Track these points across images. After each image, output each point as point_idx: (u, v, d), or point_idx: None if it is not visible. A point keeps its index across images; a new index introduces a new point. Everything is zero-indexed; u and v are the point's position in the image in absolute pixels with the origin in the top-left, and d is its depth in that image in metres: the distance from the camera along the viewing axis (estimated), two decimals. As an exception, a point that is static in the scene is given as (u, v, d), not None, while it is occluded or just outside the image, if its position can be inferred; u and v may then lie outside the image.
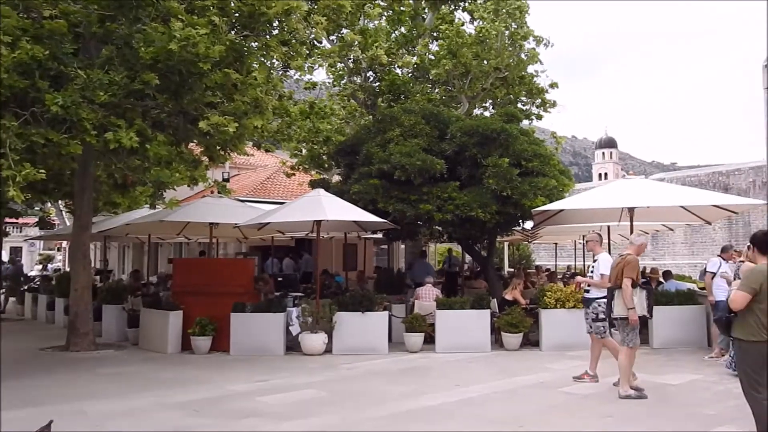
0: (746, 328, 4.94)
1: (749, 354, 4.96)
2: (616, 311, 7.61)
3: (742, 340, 4.99)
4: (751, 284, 4.92)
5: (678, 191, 12.86)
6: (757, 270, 5.01)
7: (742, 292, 4.90)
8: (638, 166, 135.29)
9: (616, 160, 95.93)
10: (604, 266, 8.26)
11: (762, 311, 4.88)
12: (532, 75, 18.64)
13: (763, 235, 5.32)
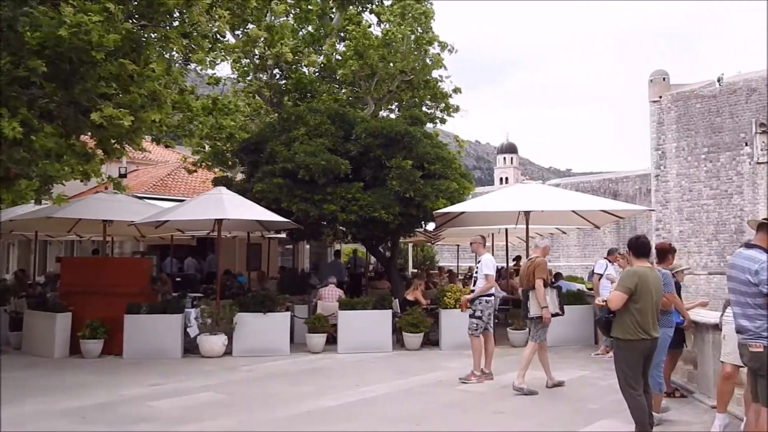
0: (624, 327, 5.25)
1: (626, 352, 5.29)
2: (531, 311, 7.96)
3: (620, 339, 5.30)
4: (626, 285, 5.24)
5: (570, 197, 13.52)
6: (632, 271, 5.34)
7: (619, 293, 5.22)
8: (537, 171, 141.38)
9: (516, 165, 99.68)
10: (488, 267, 8.58)
11: (638, 311, 5.21)
12: (436, 79, 19.03)
13: (637, 239, 5.66)
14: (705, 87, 44.26)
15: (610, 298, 5.30)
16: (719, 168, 42.55)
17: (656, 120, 45.82)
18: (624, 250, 17.05)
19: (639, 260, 5.51)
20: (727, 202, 42.11)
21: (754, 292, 4.18)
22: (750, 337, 4.25)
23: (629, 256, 5.62)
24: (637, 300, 5.21)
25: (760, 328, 4.18)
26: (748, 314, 4.25)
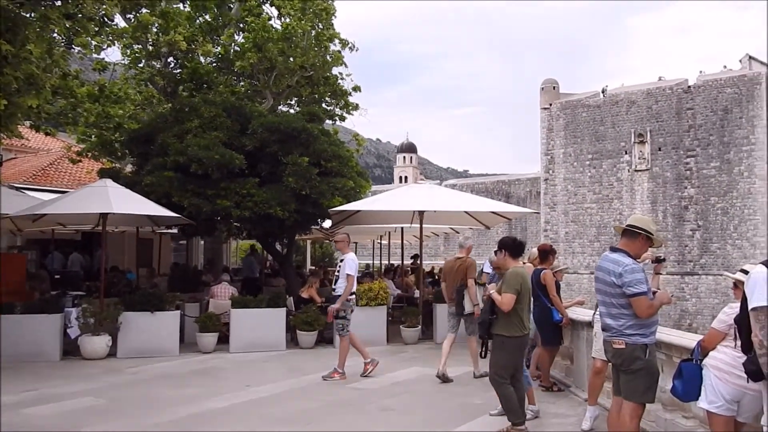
0: (510, 325, 5.51)
1: (511, 348, 5.55)
2: (466, 308, 8.36)
3: (506, 336, 5.54)
4: (514, 286, 5.49)
5: (463, 198, 13.95)
6: (516, 273, 5.59)
7: (510, 294, 5.44)
8: (435, 171, 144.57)
9: (415, 165, 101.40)
10: (350, 267, 8.68)
11: (521, 309, 5.48)
12: (336, 77, 19.02)
13: (513, 241, 5.95)
14: (591, 97, 47.05)
15: (503, 301, 5.48)
16: (602, 174, 45.40)
17: (546, 126, 48.20)
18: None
19: (515, 260, 5.79)
20: (608, 206, 45.02)
21: (617, 293, 4.47)
22: (613, 335, 4.54)
23: (505, 257, 5.80)
24: (521, 300, 5.48)
25: (623, 326, 4.47)
26: (612, 313, 4.54)
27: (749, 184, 40.33)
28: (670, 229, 42.62)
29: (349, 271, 8.65)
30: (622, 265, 4.47)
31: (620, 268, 4.46)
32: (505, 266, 5.83)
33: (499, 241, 6.03)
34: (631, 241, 4.65)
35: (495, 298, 5.55)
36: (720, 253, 40.89)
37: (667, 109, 43.34)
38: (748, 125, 40.69)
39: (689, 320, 40.20)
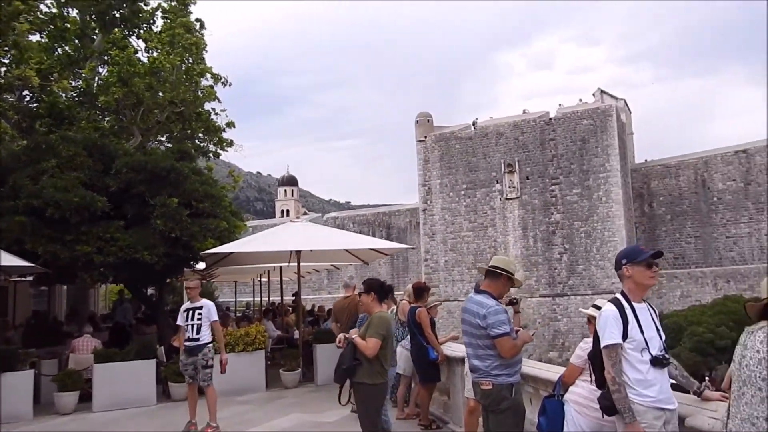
0: (374, 372, 5.29)
1: (376, 396, 5.37)
2: None
3: (368, 383, 5.29)
4: (380, 332, 5.30)
5: (341, 235, 13.88)
6: (382, 317, 5.43)
7: (376, 340, 5.24)
8: (317, 203, 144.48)
9: (297, 198, 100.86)
10: (214, 313, 8.38)
11: (384, 356, 5.32)
12: (209, 112, 18.53)
13: (380, 284, 5.71)
14: (463, 130, 49.22)
15: (368, 346, 5.24)
16: (476, 203, 47.37)
17: (422, 158, 49.73)
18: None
19: (381, 304, 5.59)
20: (483, 233, 46.94)
21: (482, 335, 4.54)
22: (481, 376, 4.59)
23: (372, 300, 5.55)
24: (385, 345, 5.34)
25: (489, 367, 4.54)
26: (479, 354, 4.60)
27: (607, 208, 43.61)
28: (540, 253, 45.09)
29: (215, 316, 8.32)
30: (485, 307, 4.54)
31: (484, 309, 4.53)
32: (370, 310, 5.57)
33: (364, 282, 5.71)
34: (493, 281, 4.75)
35: (359, 344, 5.28)
36: (586, 274, 43.71)
37: (532, 140, 46.17)
38: (603, 154, 44.15)
39: (562, 339, 42.48)
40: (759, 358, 2.98)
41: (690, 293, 41.88)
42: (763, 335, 3.02)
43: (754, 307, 3.28)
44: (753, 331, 3.12)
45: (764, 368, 2.96)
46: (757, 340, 3.04)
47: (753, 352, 3.02)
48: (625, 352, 3.63)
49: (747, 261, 44.48)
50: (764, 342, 2.99)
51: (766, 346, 2.97)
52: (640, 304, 3.77)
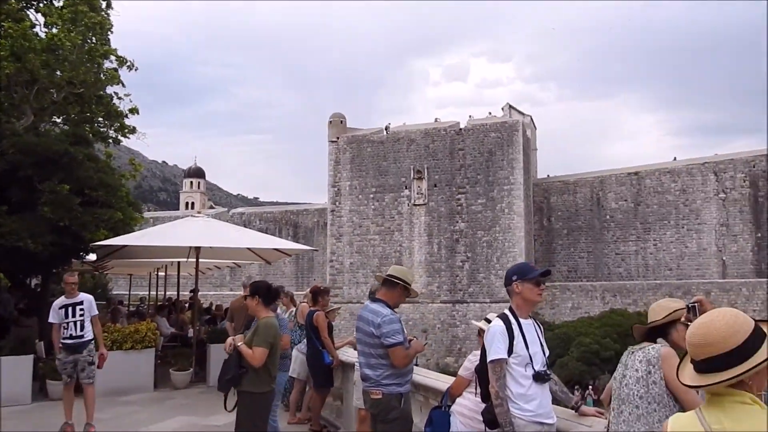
0: (258, 381, 5.11)
1: (262, 405, 5.19)
2: None
3: (255, 392, 5.10)
4: (269, 339, 5.11)
5: (243, 233, 13.52)
6: (270, 324, 5.25)
7: (262, 348, 5.05)
8: (225, 197, 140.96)
9: (203, 191, 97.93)
10: (95, 306, 8.06)
11: (271, 363, 5.16)
12: (111, 96, 17.60)
13: (267, 287, 5.51)
14: (375, 133, 49.55)
15: (254, 356, 5.02)
16: (384, 207, 47.80)
17: (333, 159, 49.64)
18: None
19: (267, 308, 5.41)
20: (389, 237, 47.43)
21: (376, 344, 4.56)
22: (371, 385, 4.60)
23: (258, 303, 5.33)
24: (273, 353, 5.17)
25: (380, 376, 4.56)
26: (371, 363, 4.61)
27: (509, 219, 45.20)
28: (443, 260, 46.08)
29: (96, 311, 7.98)
30: (380, 316, 4.56)
31: (379, 318, 4.55)
32: (257, 314, 5.35)
33: (251, 284, 5.49)
34: (390, 290, 4.78)
35: (244, 353, 5.04)
36: (485, 283, 45.08)
37: (442, 149, 47.15)
38: (508, 167, 45.74)
39: (459, 345, 43.58)
40: (637, 377, 3.15)
41: (580, 305, 44.09)
42: (642, 355, 3.20)
43: (639, 329, 3.46)
44: (634, 351, 3.30)
45: (641, 387, 3.12)
46: (636, 360, 3.21)
47: (632, 371, 3.19)
48: (510, 367, 3.74)
49: (633, 277, 47.41)
50: (643, 361, 3.16)
51: (644, 366, 3.14)
52: (526, 320, 3.88)
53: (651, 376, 3.09)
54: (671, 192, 47.89)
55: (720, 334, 1.96)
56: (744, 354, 1.92)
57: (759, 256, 45.47)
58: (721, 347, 1.94)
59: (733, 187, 46.56)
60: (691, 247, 46.93)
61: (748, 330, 1.96)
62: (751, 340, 1.95)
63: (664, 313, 3.38)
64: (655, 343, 3.28)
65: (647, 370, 3.11)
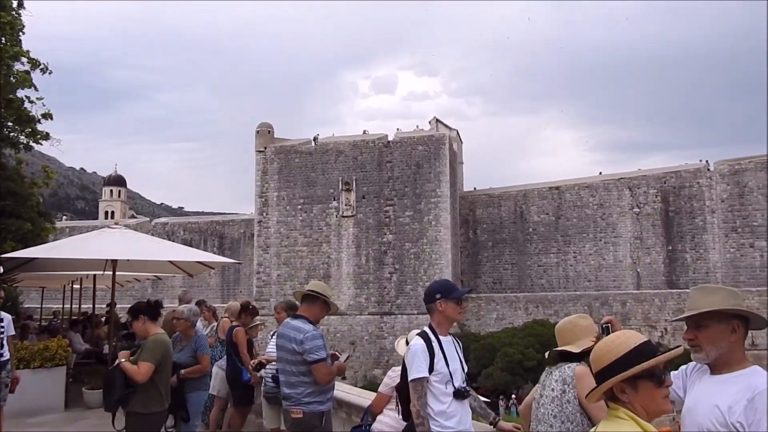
0: (147, 400, 4.91)
1: (150, 426, 4.97)
2: None
3: (143, 413, 4.89)
4: (156, 356, 4.94)
5: (164, 246, 13.02)
6: (159, 340, 5.08)
7: (149, 364, 4.86)
8: (147, 206, 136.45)
9: (124, 199, 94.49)
10: (12, 326, 7.70)
11: (161, 381, 4.98)
12: (22, 99, 16.72)
13: (147, 304, 5.36)
14: (303, 144, 49.28)
15: (138, 371, 4.83)
16: (312, 218, 47.52)
17: (261, 169, 48.99)
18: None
19: (155, 324, 5.24)
20: (317, 249, 47.14)
21: (298, 360, 4.46)
22: (292, 404, 4.50)
23: (145, 323, 5.16)
24: (161, 370, 4.97)
25: (301, 394, 4.47)
26: (291, 381, 4.51)
27: (436, 231, 45.83)
28: (371, 272, 46.19)
29: (13, 331, 7.52)
30: (303, 332, 4.48)
31: (301, 335, 4.47)
32: (147, 334, 5.16)
33: (129, 309, 5.28)
34: (311, 306, 4.71)
35: (128, 370, 4.84)
36: (413, 294, 45.45)
37: (370, 161, 47.38)
38: (435, 179, 46.43)
39: (387, 357, 43.67)
40: (553, 396, 3.20)
41: (505, 316, 45.11)
42: (558, 375, 3.26)
43: (554, 353, 3.52)
44: (551, 371, 3.35)
45: (556, 406, 3.18)
46: (553, 379, 3.27)
47: (549, 390, 3.25)
48: (430, 385, 3.73)
49: (554, 288, 48.97)
50: (559, 381, 3.22)
51: (560, 385, 3.20)
52: (446, 338, 3.89)
53: (565, 395, 3.15)
54: (590, 206, 49.87)
55: (602, 350, 2.15)
56: (616, 371, 2.07)
57: (670, 268, 47.93)
58: (602, 361, 2.13)
59: (647, 202, 48.96)
60: (608, 259, 48.95)
61: (628, 347, 2.10)
62: (626, 358, 2.08)
63: (578, 344, 3.39)
64: (571, 362, 3.34)
65: (562, 389, 3.17)
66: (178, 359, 6.47)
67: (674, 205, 48.42)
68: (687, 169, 49.43)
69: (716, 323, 2.58)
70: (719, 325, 2.58)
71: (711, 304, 2.59)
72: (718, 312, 2.57)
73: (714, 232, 47.49)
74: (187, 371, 6.18)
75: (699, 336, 2.59)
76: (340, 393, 5.28)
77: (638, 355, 2.09)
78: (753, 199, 47.01)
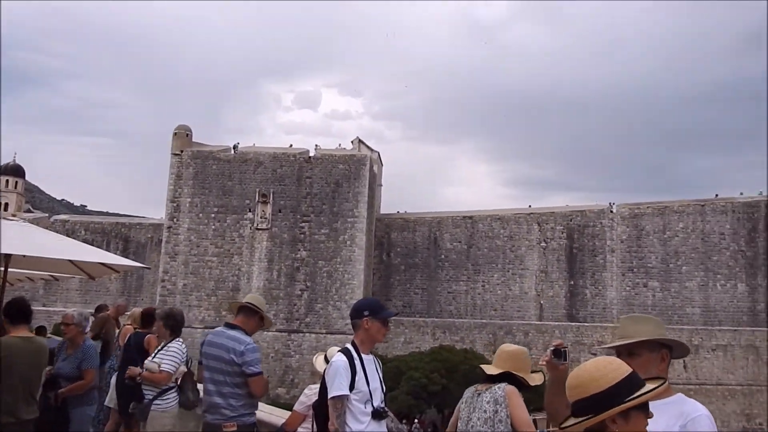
0: None
1: None
2: None
3: None
4: None
5: (65, 243, 12.24)
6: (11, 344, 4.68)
7: None
8: (47, 202, 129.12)
9: (21, 191, 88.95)
10: None
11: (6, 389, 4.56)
12: None
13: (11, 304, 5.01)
14: (222, 151, 48.20)
15: None
16: (225, 228, 46.35)
17: (175, 173, 47.41)
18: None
19: (16, 328, 4.81)
20: (228, 261, 45.95)
21: (235, 372, 4.34)
22: (221, 419, 4.35)
23: (5, 323, 4.79)
24: (10, 375, 4.50)
25: (234, 406, 4.33)
26: (224, 392, 4.37)
27: (351, 251, 45.79)
28: (282, 288, 45.47)
29: None
30: (243, 343, 4.40)
31: (242, 346, 4.38)
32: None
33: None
34: (248, 318, 4.65)
35: None
36: (323, 313, 45.08)
37: (290, 175, 46.90)
38: (354, 199, 46.52)
39: (292, 376, 42.95)
40: (485, 417, 3.19)
41: (412, 340, 45.46)
42: (489, 396, 3.25)
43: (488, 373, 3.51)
44: (480, 392, 3.33)
45: (488, 427, 3.17)
46: (484, 401, 3.25)
47: (480, 412, 3.23)
48: (350, 404, 3.64)
49: (462, 315, 49.96)
50: (491, 402, 3.21)
51: (492, 406, 3.19)
52: (367, 356, 3.85)
53: (497, 415, 3.15)
54: (500, 237, 51.44)
55: (587, 377, 2.01)
56: (607, 401, 1.96)
57: (571, 302, 50.06)
58: (585, 390, 1.99)
59: (553, 238, 51.08)
60: (514, 290, 50.56)
61: (616, 378, 2.00)
62: (617, 389, 1.99)
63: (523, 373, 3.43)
64: (500, 383, 3.35)
65: (494, 409, 3.17)
66: (60, 370, 6.01)
67: (578, 243, 50.76)
68: (592, 209, 52.07)
69: (648, 352, 2.64)
70: (650, 354, 2.64)
71: (644, 333, 2.64)
72: (649, 341, 2.63)
73: (612, 270, 50.10)
74: (66, 389, 5.74)
75: (632, 364, 2.63)
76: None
77: (631, 384, 2.01)
78: (649, 241, 50.05)
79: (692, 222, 49.74)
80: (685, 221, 49.84)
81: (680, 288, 49.02)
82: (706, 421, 2.47)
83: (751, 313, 47.95)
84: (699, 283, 48.78)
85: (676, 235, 49.70)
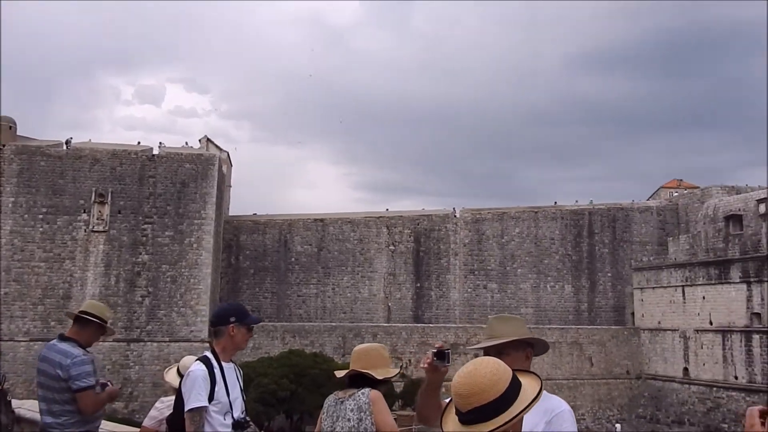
0: None
1: None
2: None
3: None
4: None
5: None
6: None
7: None
8: None
9: None
10: None
11: None
12: None
13: None
14: (53, 146, 44.14)
15: None
16: (56, 231, 42.43)
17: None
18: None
19: None
20: (59, 266, 42.08)
21: (62, 387, 3.91)
22: None
23: None
24: None
25: (65, 425, 3.89)
26: (54, 410, 3.95)
27: (197, 255, 43.90)
28: (121, 294, 42.49)
29: None
30: (70, 357, 3.95)
31: (68, 359, 3.93)
32: None
33: None
34: (82, 328, 4.19)
35: None
36: (166, 320, 42.74)
37: (130, 174, 44.01)
38: (201, 200, 44.68)
39: (131, 388, 40.17)
40: (350, 426, 3.09)
41: (262, 345, 44.50)
42: (353, 404, 3.15)
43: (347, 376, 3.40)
44: (343, 400, 3.22)
45: None
46: (347, 409, 3.15)
47: (344, 421, 3.12)
48: (208, 416, 3.41)
49: (312, 319, 49.87)
50: (354, 410, 3.11)
51: (356, 414, 3.09)
52: (228, 364, 3.66)
53: (362, 423, 3.08)
54: (351, 240, 52.10)
55: (485, 383, 1.99)
56: (506, 403, 1.97)
57: (417, 304, 51.90)
58: (486, 396, 1.97)
59: (401, 241, 52.68)
60: (364, 293, 51.42)
61: (508, 379, 2.03)
62: (510, 389, 2.01)
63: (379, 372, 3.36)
64: (363, 388, 3.27)
65: (359, 417, 3.10)
66: None
67: (425, 246, 52.76)
68: (437, 214, 54.40)
69: (514, 351, 2.72)
70: (517, 353, 2.72)
71: (512, 333, 2.72)
72: (517, 340, 2.71)
73: (456, 273, 52.67)
74: None
75: None
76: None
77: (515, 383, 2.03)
78: (489, 245, 53.27)
79: (527, 227, 53.64)
80: (520, 226, 53.63)
81: (516, 289, 52.66)
82: (568, 415, 2.61)
83: (576, 312, 52.67)
84: (532, 284, 52.71)
85: (513, 240, 53.33)
